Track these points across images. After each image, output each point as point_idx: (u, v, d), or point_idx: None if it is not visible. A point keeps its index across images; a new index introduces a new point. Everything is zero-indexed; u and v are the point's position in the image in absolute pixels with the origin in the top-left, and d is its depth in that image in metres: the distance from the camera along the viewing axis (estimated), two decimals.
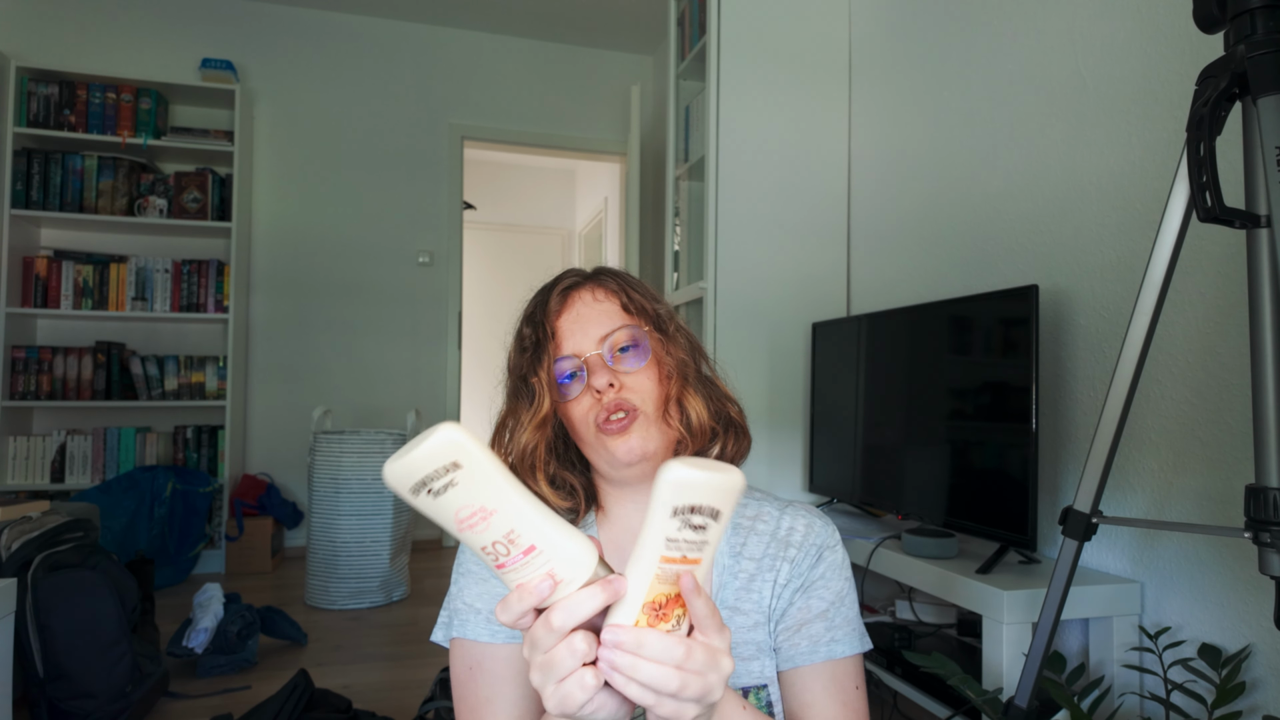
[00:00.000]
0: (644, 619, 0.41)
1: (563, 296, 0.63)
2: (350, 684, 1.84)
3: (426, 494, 0.38)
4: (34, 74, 2.79)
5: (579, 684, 0.39)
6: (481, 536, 0.40)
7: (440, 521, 0.40)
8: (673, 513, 0.40)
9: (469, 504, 0.39)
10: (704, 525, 0.40)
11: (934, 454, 1.47)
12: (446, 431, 0.38)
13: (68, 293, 2.85)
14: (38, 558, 1.58)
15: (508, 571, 0.41)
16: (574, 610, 0.39)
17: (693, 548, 0.41)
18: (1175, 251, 0.88)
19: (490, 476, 0.39)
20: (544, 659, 0.40)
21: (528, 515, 0.40)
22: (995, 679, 1.17)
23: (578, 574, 0.41)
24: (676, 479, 0.39)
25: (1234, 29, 0.82)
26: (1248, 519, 0.80)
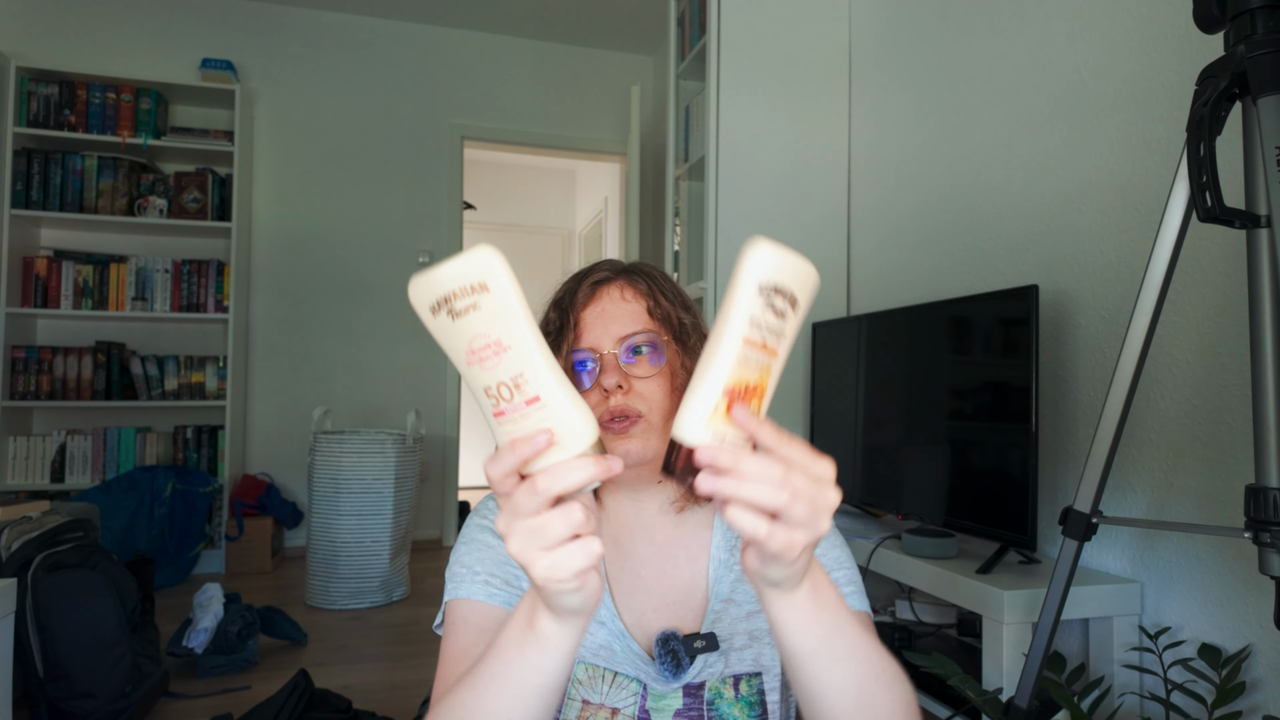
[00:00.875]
0: (723, 404, 0.38)
1: (592, 289, 0.63)
2: (350, 684, 1.84)
3: (446, 314, 0.37)
4: (34, 74, 2.79)
5: (584, 551, 0.37)
6: (489, 374, 0.37)
7: (452, 350, 0.38)
8: (759, 290, 0.38)
9: (486, 333, 0.37)
10: (784, 312, 0.39)
11: (934, 454, 1.47)
12: (484, 250, 0.36)
13: (68, 293, 2.85)
14: (38, 558, 1.58)
15: (505, 421, 0.38)
16: (563, 476, 0.37)
17: (772, 335, 0.39)
18: (1175, 251, 0.88)
19: (514, 311, 0.37)
20: (530, 524, 0.37)
21: (540, 364, 0.38)
22: (995, 679, 1.17)
23: (575, 442, 0.38)
24: (765, 255, 0.38)
25: (1234, 29, 0.82)
26: (1248, 519, 0.80)
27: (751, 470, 0.37)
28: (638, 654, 0.61)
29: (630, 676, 0.60)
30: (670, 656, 0.59)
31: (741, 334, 0.38)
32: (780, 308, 0.39)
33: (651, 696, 0.60)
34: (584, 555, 0.37)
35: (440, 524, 3.39)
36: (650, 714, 0.59)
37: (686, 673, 0.60)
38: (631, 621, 0.62)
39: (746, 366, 0.39)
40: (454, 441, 3.41)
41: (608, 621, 0.61)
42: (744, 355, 0.38)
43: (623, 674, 0.60)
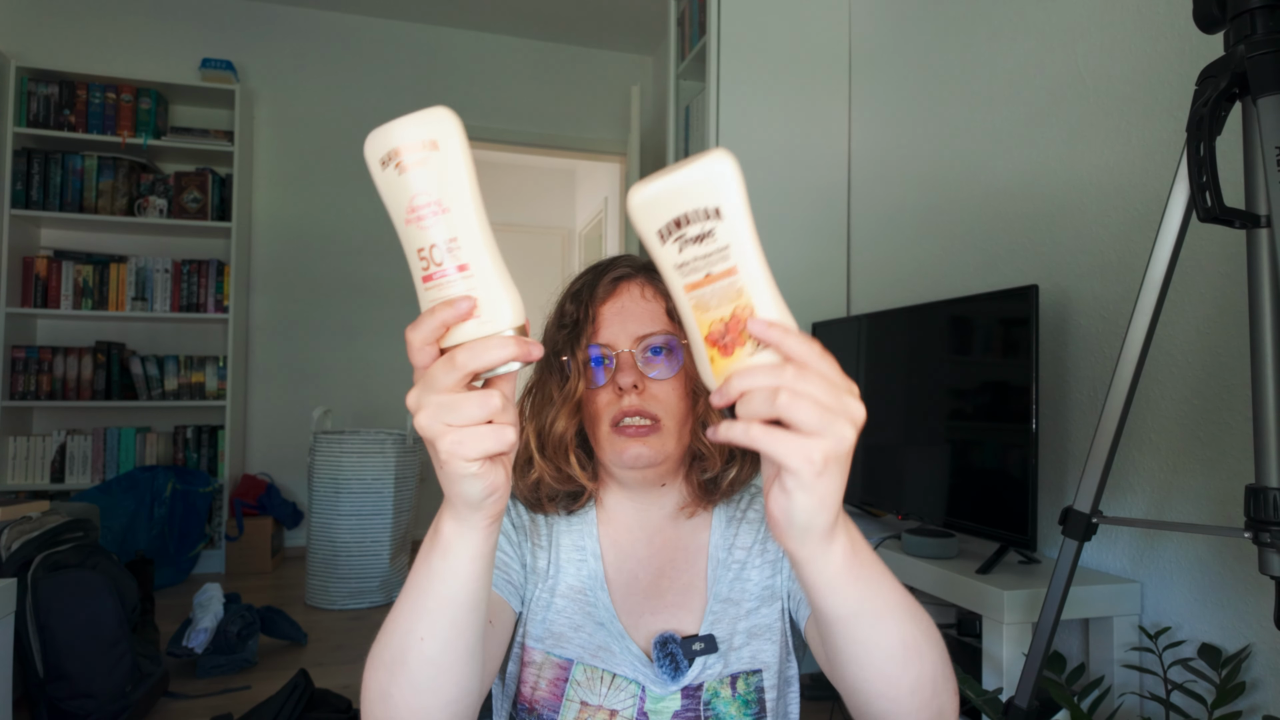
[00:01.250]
0: (716, 354, 0.37)
1: (613, 285, 0.63)
2: (350, 684, 1.84)
3: (394, 167, 0.36)
4: (34, 74, 2.79)
5: (495, 435, 0.36)
6: (424, 233, 0.36)
7: (394, 206, 0.37)
8: (659, 238, 0.36)
9: (428, 191, 0.36)
10: (705, 234, 0.35)
11: (934, 454, 1.47)
12: (440, 110, 0.36)
13: (67, 293, 2.85)
14: (38, 558, 1.58)
15: (433, 285, 0.37)
16: (481, 353, 0.35)
17: (711, 260, 0.36)
18: (1175, 251, 0.88)
19: (460, 174, 0.36)
20: (443, 399, 0.35)
21: (476, 232, 0.37)
22: (995, 679, 1.17)
23: (499, 318, 0.37)
24: (636, 202, 0.36)
25: (1234, 29, 0.82)
26: (1248, 519, 0.80)
27: (748, 365, 0.36)
28: (636, 655, 0.60)
29: (628, 678, 0.60)
30: (669, 659, 0.59)
31: (680, 286, 0.37)
32: (697, 233, 0.35)
33: (650, 699, 0.59)
34: (495, 440, 0.36)
35: None
36: (649, 715, 0.59)
37: (685, 675, 0.60)
38: (630, 623, 0.62)
39: (706, 308, 0.37)
40: None
41: (606, 622, 0.61)
42: (697, 302, 0.37)
43: (621, 676, 0.60)
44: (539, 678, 0.61)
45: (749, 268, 0.36)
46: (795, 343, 0.35)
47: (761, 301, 0.36)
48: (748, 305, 0.36)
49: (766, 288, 0.36)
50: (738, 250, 0.35)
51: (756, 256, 0.36)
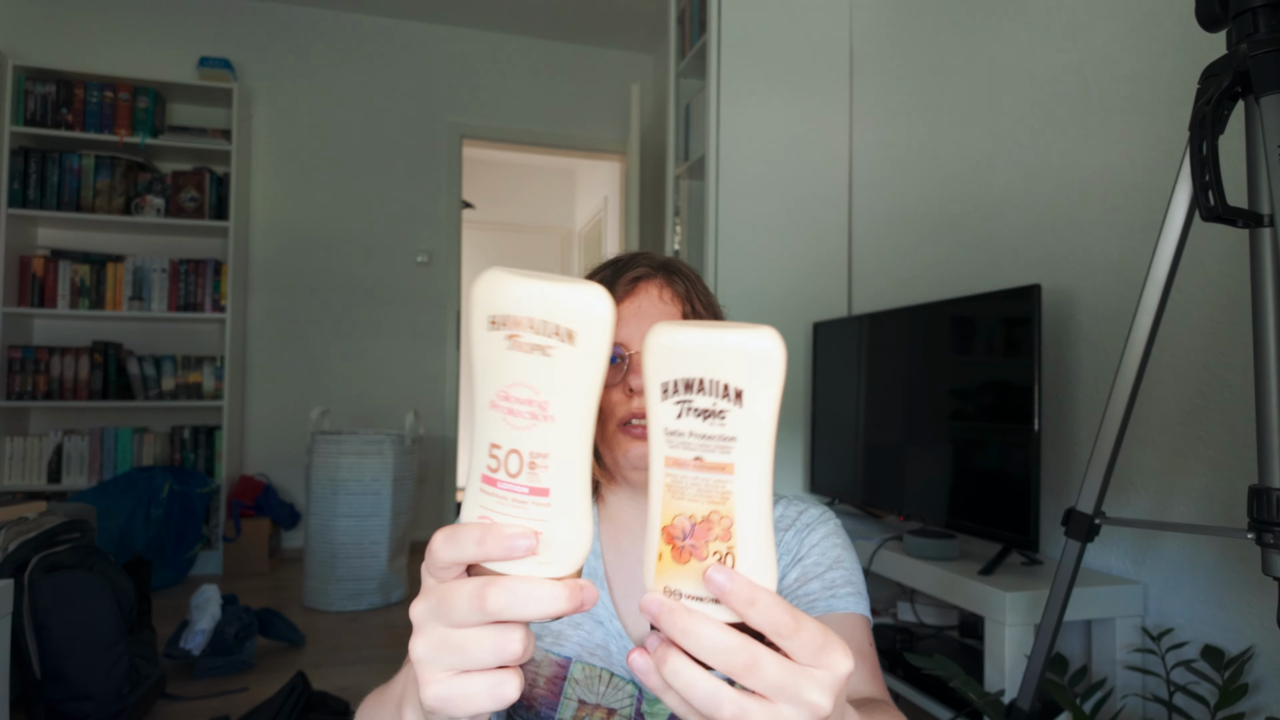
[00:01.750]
0: (667, 552, 0.30)
1: (631, 285, 0.62)
2: (348, 686, 1.83)
3: (504, 336, 0.28)
4: (31, 72, 2.78)
5: (492, 692, 0.29)
6: (510, 433, 0.29)
7: (483, 374, 0.29)
8: (660, 391, 0.29)
9: (536, 388, 0.28)
10: (719, 411, 0.29)
11: (936, 455, 1.47)
12: (599, 293, 0.28)
13: (64, 292, 2.84)
14: (34, 559, 1.57)
15: (491, 493, 0.30)
16: (526, 604, 0.28)
17: (710, 445, 0.29)
18: (1178, 251, 0.88)
19: (585, 381, 0.29)
20: (451, 636, 0.29)
21: (577, 459, 0.30)
22: (997, 681, 1.16)
23: (559, 564, 0.30)
24: (656, 341, 0.29)
25: (1236, 27, 0.82)
26: (1251, 520, 0.80)
27: (704, 642, 0.28)
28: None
29: (626, 678, 0.59)
30: None
31: (660, 452, 0.30)
32: (707, 407, 0.28)
33: (647, 699, 0.59)
34: (492, 698, 0.29)
35: (438, 525, 3.38)
36: (645, 717, 0.59)
37: None
38: (629, 622, 0.62)
39: (680, 494, 0.30)
40: (452, 442, 3.40)
41: (605, 621, 0.61)
42: (671, 483, 0.30)
43: (619, 675, 0.60)
44: (537, 675, 0.60)
45: (750, 475, 0.29)
46: (760, 613, 0.29)
47: (747, 521, 0.29)
48: (728, 517, 0.29)
49: (759, 507, 0.29)
50: (745, 449, 0.29)
51: (764, 467, 0.29)
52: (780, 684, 0.28)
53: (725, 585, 0.29)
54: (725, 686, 0.28)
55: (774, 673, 0.28)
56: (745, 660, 0.28)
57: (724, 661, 0.28)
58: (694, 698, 0.28)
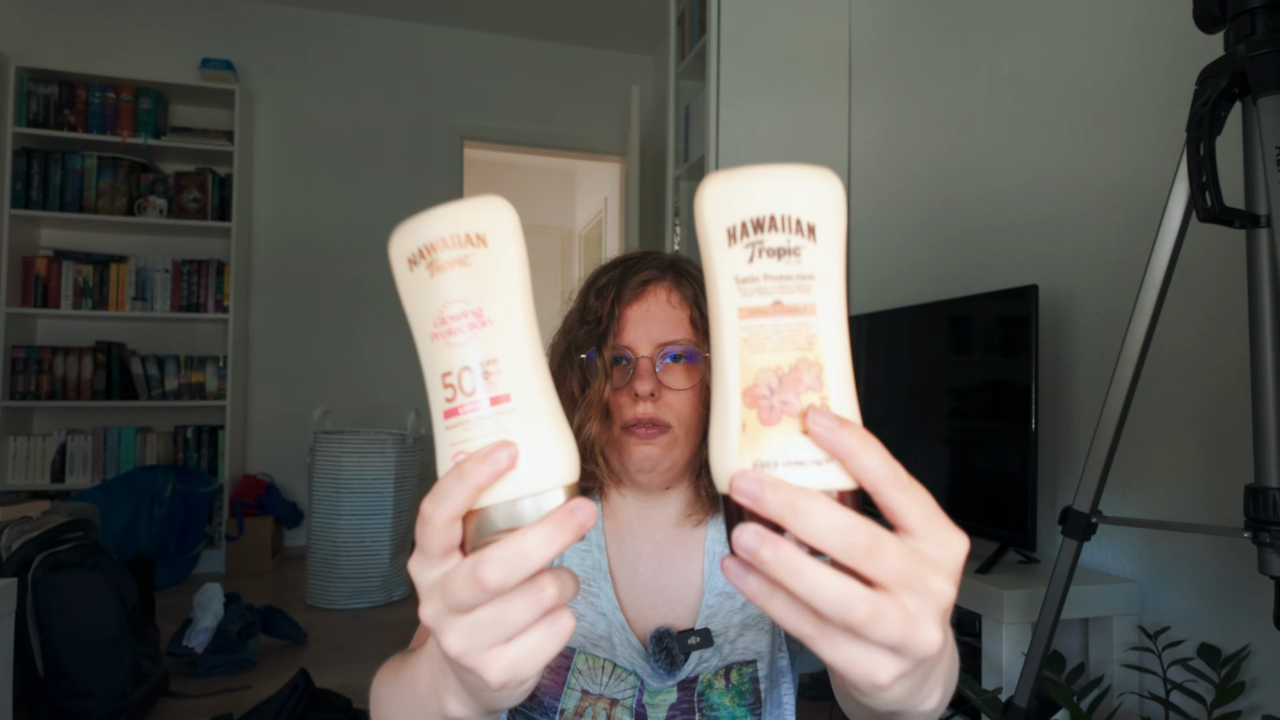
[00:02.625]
0: (752, 418, 0.26)
1: (640, 288, 0.62)
2: (350, 684, 1.84)
3: (425, 266, 0.28)
4: (34, 74, 2.79)
5: (551, 634, 0.27)
6: (454, 352, 0.28)
7: (418, 315, 0.29)
8: (727, 237, 0.27)
9: (466, 298, 0.28)
10: (794, 248, 0.27)
11: (934, 454, 1.47)
12: (494, 199, 0.29)
13: (68, 293, 2.85)
14: (38, 557, 1.58)
15: (457, 423, 0.28)
16: (520, 561, 0.26)
17: (788, 286, 0.27)
18: (1175, 251, 0.88)
19: (511, 277, 0.28)
20: (478, 617, 0.27)
21: (526, 353, 0.28)
22: (995, 679, 1.17)
23: (546, 472, 0.28)
24: (713, 188, 0.27)
25: (1234, 29, 0.82)
26: (1247, 519, 0.80)
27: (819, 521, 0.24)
28: (635, 648, 0.61)
29: (628, 670, 0.60)
30: (664, 654, 0.60)
31: (733, 305, 0.27)
32: (782, 245, 0.26)
33: (648, 692, 0.60)
34: (555, 638, 0.27)
35: None
36: (646, 708, 0.60)
37: (681, 671, 0.60)
38: (631, 615, 0.62)
39: (760, 348, 0.27)
40: None
41: (609, 613, 0.61)
42: (750, 336, 0.27)
43: (621, 666, 0.60)
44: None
45: (832, 315, 0.27)
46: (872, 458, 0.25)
47: (836, 364, 0.27)
48: (818, 363, 0.26)
49: (843, 348, 0.27)
50: (825, 286, 0.27)
51: (842, 305, 0.27)
52: (902, 572, 0.24)
53: (832, 426, 0.25)
54: (855, 582, 0.24)
55: (895, 557, 0.24)
56: (867, 542, 0.24)
57: (843, 544, 0.24)
58: (820, 598, 0.24)
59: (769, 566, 0.24)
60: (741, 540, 0.25)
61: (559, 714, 0.59)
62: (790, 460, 0.26)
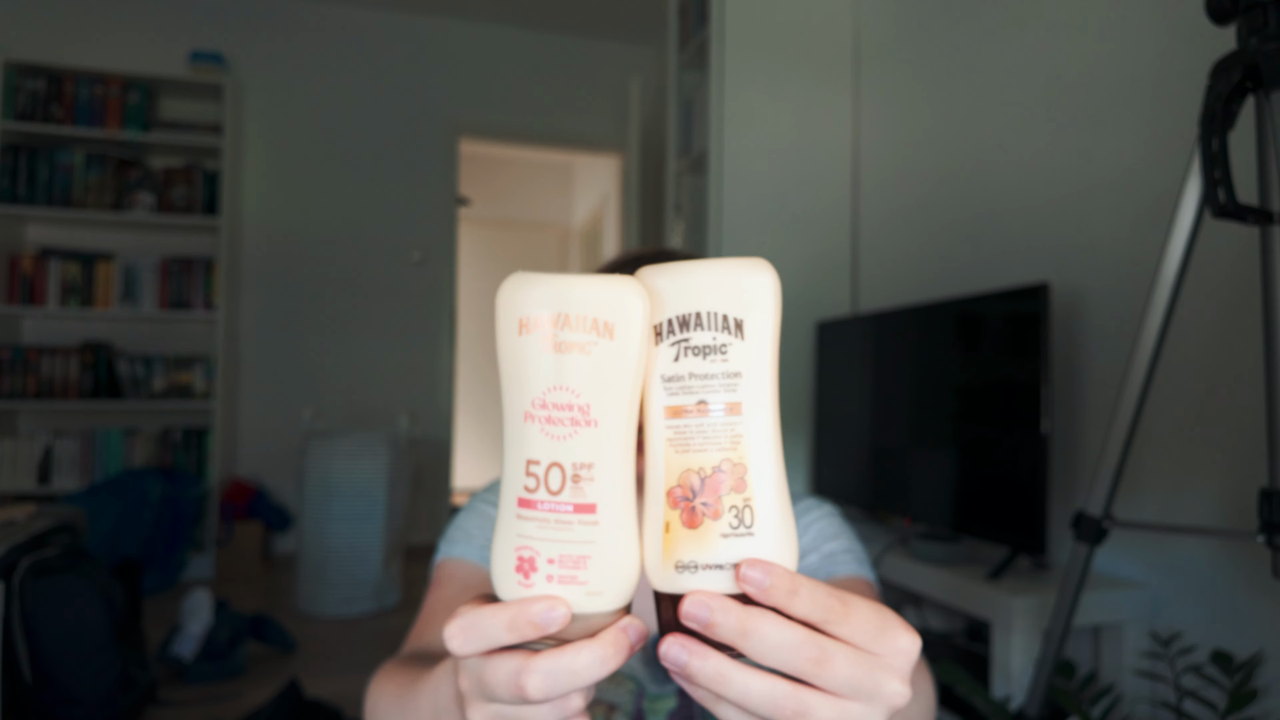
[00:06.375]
0: (675, 519, 0.27)
1: None
2: (341, 692, 1.81)
3: (538, 338, 0.26)
4: (20, 67, 2.74)
5: None
6: (550, 444, 0.27)
7: (515, 384, 0.27)
8: (656, 335, 0.27)
9: (577, 390, 0.26)
10: (720, 345, 0.27)
11: (942, 457, 1.45)
12: (634, 286, 0.26)
13: (54, 291, 2.80)
14: (23, 562, 1.55)
15: (535, 515, 0.27)
16: (567, 680, 0.26)
17: (713, 385, 0.27)
18: (1188, 248, 0.86)
19: (627, 379, 0.27)
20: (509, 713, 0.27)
21: (625, 467, 0.27)
22: (1004, 686, 1.14)
23: (610, 590, 0.27)
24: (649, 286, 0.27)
25: (1246, 22, 0.80)
26: (1261, 522, 0.78)
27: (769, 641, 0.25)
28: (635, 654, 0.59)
29: (626, 675, 0.60)
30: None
31: (659, 403, 0.27)
32: (707, 343, 0.26)
33: (647, 697, 0.59)
34: None
35: (434, 529, 3.35)
36: (645, 714, 0.59)
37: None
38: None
39: (684, 447, 0.27)
40: (448, 445, 3.37)
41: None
42: (674, 433, 0.27)
43: (620, 672, 0.59)
44: None
45: (759, 414, 0.27)
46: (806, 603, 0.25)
47: (761, 466, 0.26)
48: (742, 464, 0.26)
49: (771, 449, 0.27)
50: (752, 385, 0.27)
51: (771, 404, 0.27)
52: (853, 680, 0.25)
53: (763, 581, 0.25)
54: (780, 681, 0.25)
55: (845, 668, 0.25)
56: (814, 656, 0.25)
57: (793, 661, 0.25)
58: (750, 701, 0.25)
59: (697, 678, 0.26)
60: (670, 655, 0.26)
61: None
62: (709, 563, 0.27)
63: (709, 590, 0.26)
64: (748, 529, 0.26)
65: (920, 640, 0.27)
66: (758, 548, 0.26)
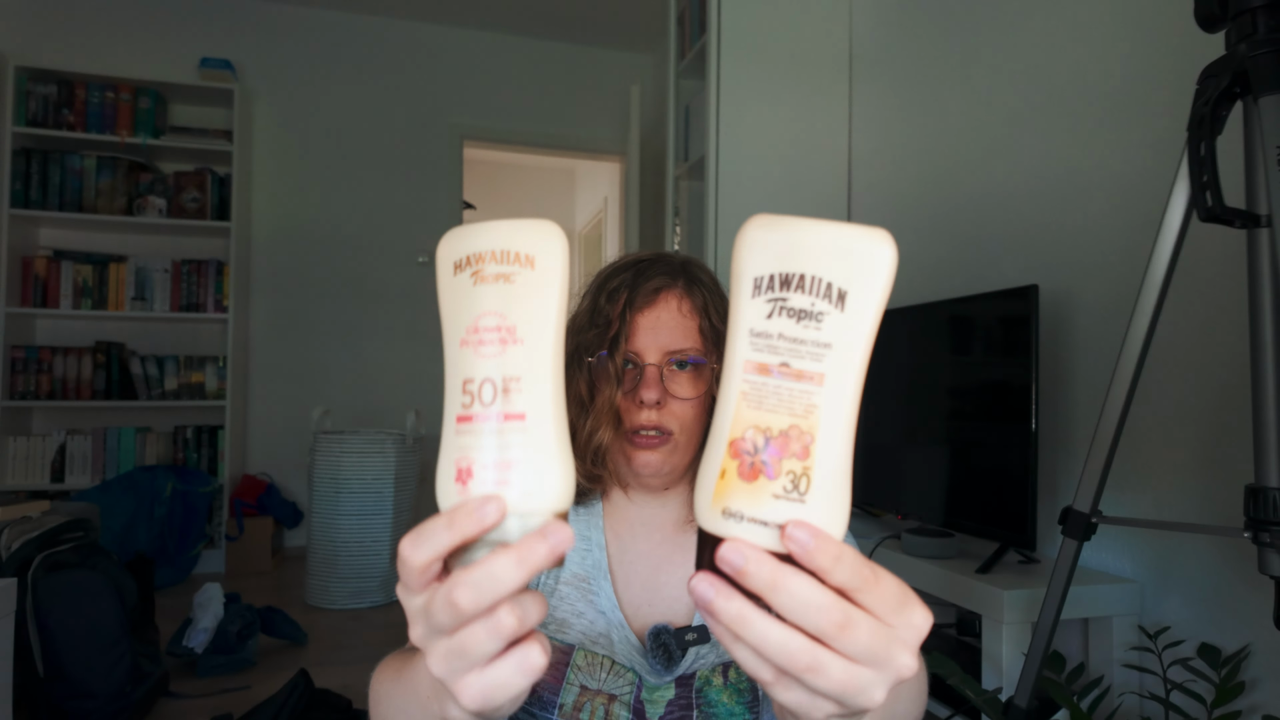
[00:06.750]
0: (733, 468, 0.27)
1: (653, 295, 0.61)
2: (350, 684, 1.84)
3: (470, 275, 0.29)
4: (32, 73, 2.79)
5: (520, 669, 0.28)
6: (480, 362, 0.29)
7: (451, 320, 0.30)
8: (752, 287, 0.27)
9: (502, 313, 0.29)
10: (816, 313, 0.26)
11: (934, 454, 1.47)
12: (548, 225, 0.29)
13: (67, 292, 2.85)
14: (38, 557, 1.58)
15: (467, 430, 0.29)
16: (490, 586, 0.27)
17: (801, 351, 0.26)
18: (1176, 251, 0.88)
19: (550, 305, 0.29)
20: (450, 644, 0.28)
21: (548, 380, 0.29)
22: (995, 679, 1.17)
23: (539, 498, 0.28)
24: (756, 238, 0.27)
25: (1235, 28, 0.82)
26: (1247, 519, 0.80)
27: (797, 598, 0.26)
28: (634, 645, 0.61)
29: (627, 666, 0.61)
30: (662, 650, 0.60)
31: (741, 356, 0.27)
32: (804, 307, 0.26)
33: (646, 688, 0.60)
34: (521, 673, 0.28)
35: None
36: (644, 704, 0.60)
37: (679, 667, 0.61)
38: (630, 613, 0.63)
39: (757, 404, 0.27)
40: None
41: (608, 611, 0.62)
42: (751, 387, 0.27)
43: (620, 663, 0.61)
44: None
45: (841, 390, 0.27)
46: (845, 573, 0.26)
47: (829, 441, 0.27)
48: (809, 434, 0.26)
49: (844, 428, 0.27)
50: (840, 359, 0.26)
51: (856, 383, 0.27)
52: (871, 648, 0.26)
53: (809, 543, 0.26)
54: (798, 635, 0.26)
55: (865, 636, 0.26)
56: (838, 620, 0.26)
57: (817, 622, 0.26)
58: (766, 648, 0.26)
59: (720, 616, 0.27)
60: (698, 590, 0.27)
61: (558, 709, 0.60)
62: (755, 518, 0.27)
63: (748, 541, 0.27)
64: (800, 496, 0.26)
65: (932, 618, 0.28)
66: (806, 515, 0.26)
